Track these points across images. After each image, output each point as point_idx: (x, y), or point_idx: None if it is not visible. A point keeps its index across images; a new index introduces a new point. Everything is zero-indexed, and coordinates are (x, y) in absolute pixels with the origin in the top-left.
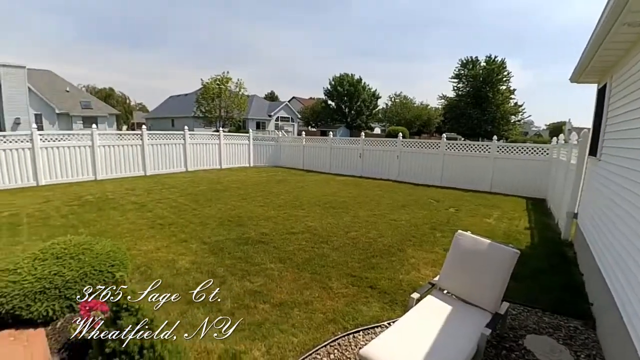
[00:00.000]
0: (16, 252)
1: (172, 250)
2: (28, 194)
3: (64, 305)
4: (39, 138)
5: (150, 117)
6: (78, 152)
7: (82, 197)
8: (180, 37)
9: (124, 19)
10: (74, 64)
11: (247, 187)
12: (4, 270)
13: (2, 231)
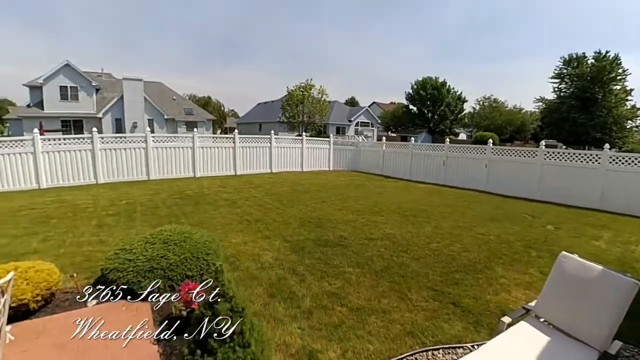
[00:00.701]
0: (131, 235)
1: (257, 245)
2: (141, 187)
3: (167, 285)
4: (151, 139)
5: (240, 122)
6: (181, 152)
7: (183, 192)
8: (269, 49)
9: (219, 35)
10: (179, 76)
11: (326, 190)
12: (122, 250)
13: (121, 216)
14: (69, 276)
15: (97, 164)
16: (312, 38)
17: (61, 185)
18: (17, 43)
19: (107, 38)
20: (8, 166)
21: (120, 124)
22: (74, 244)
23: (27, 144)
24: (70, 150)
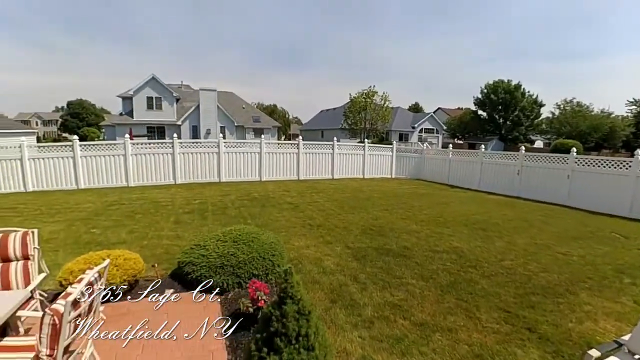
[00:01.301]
0: (203, 232)
1: (319, 250)
2: (213, 188)
3: (235, 281)
4: (223, 145)
5: (303, 129)
6: (249, 157)
7: (250, 194)
8: (332, 57)
9: (285, 46)
10: (248, 86)
11: (388, 198)
12: (197, 246)
13: (195, 214)
14: (151, 266)
15: (176, 166)
16: (375, 45)
17: (145, 184)
18: (112, 60)
19: (186, 53)
20: (104, 166)
21: (196, 130)
22: (155, 237)
23: (119, 148)
24: (154, 153)
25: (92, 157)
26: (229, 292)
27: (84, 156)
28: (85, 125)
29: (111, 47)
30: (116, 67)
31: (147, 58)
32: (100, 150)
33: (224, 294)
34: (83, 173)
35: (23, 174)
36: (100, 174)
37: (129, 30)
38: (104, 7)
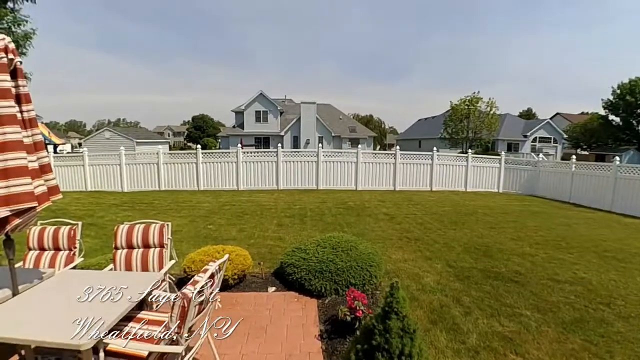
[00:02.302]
0: (303, 236)
1: (417, 265)
2: (311, 195)
3: (333, 287)
4: (322, 154)
5: (399, 139)
6: (346, 167)
7: (346, 203)
8: (430, 65)
9: (382, 56)
10: (346, 96)
11: (495, 215)
12: (298, 249)
13: (295, 219)
14: (257, 263)
15: (279, 173)
16: (480, 46)
17: (252, 189)
18: (229, 80)
19: (290, 70)
20: (219, 171)
21: (297, 140)
22: (260, 237)
23: (232, 155)
24: (260, 161)
25: (210, 163)
26: (327, 297)
27: (204, 162)
28: (205, 136)
29: (228, 69)
30: (231, 86)
31: (257, 76)
32: (217, 157)
33: (321, 299)
34: (203, 176)
35: (159, 175)
36: (216, 177)
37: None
38: (219, 39)
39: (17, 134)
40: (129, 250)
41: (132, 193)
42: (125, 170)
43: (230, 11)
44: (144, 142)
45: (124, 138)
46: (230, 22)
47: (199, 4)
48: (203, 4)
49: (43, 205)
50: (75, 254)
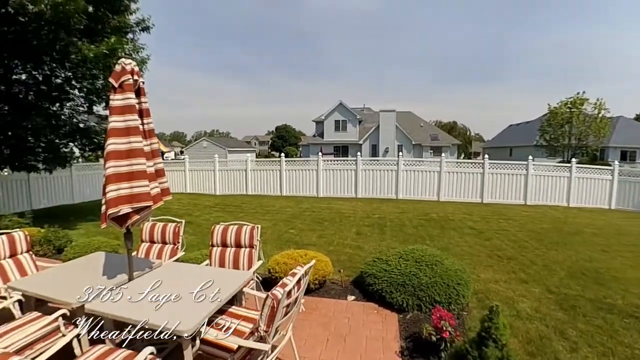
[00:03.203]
0: (382, 246)
1: (510, 287)
2: (390, 204)
3: (415, 303)
4: (402, 163)
5: (487, 147)
6: (427, 176)
7: (427, 214)
8: (522, 65)
9: (466, 60)
10: (427, 103)
11: (607, 236)
12: (379, 259)
13: (374, 228)
14: (338, 271)
15: (358, 181)
16: (583, 39)
17: (331, 196)
18: (310, 91)
19: (369, 78)
20: (300, 178)
21: (375, 149)
22: (339, 245)
23: (313, 163)
24: (340, 169)
25: (292, 170)
26: (408, 312)
27: (287, 169)
28: (287, 144)
29: (309, 81)
30: (312, 97)
31: (337, 86)
32: (298, 165)
33: (403, 313)
34: (286, 183)
35: (246, 181)
36: (297, 184)
37: (321, 66)
38: (300, 52)
39: (139, 143)
40: (223, 248)
41: (223, 196)
42: (218, 176)
43: (310, 25)
44: (234, 150)
45: (218, 147)
46: (311, 36)
47: (281, 20)
48: (284, 20)
49: (157, 204)
50: (178, 248)
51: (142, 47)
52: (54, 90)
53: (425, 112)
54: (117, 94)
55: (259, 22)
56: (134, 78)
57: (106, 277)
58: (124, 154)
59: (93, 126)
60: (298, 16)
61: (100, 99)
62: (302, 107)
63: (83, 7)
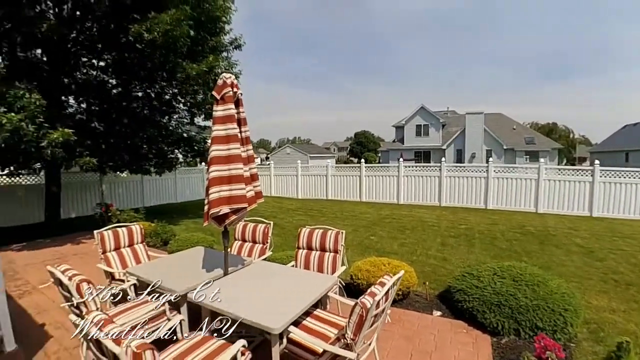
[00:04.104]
0: (470, 260)
1: (632, 319)
2: (478, 215)
3: (512, 327)
4: (492, 169)
5: (595, 151)
6: (522, 184)
7: (523, 227)
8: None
9: (565, 52)
10: (521, 104)
11: None
12: (469, 274)
13: (461, 239)
14: (422, 283)
15: (443, 188)
16: None
17: (412, 203)
18: (388, 97)
19: (452, 79)
20: (380, 184)
21: (461, 154)
22: (422, 255)
23: (393, 170)
24: (422, 175)
25: (372, 176)
26: (503, 337)
27: (366, 175)
28: (366, 150)
29: (388, 86)
30: (391, 102)
31: (417, 91)
32: (378, 171)
33: (497, 337)
34: (365, 189)
35: (327, 186)
36: (377, 190)
37: (400, 71)
38: (379, 57)
39: (238, 149)
40: (308, 251)
41: (304, 200)
42: (300, 181)
43: (385, 29)
44: (315, 156)
45: (300, 153)
46: (389, 40)
47: (357, 25)
48: (359, 26)
49: (252, 206)
50: (267, 248)
51: (235, 63)
52: (163, 105)
53: (518, 113)
54: (219, 105)
55: (334, 30)
56: (233, 90)
57: (205, 270)
58: (224, 159)
59: (194, 135)
60: (373, 21)
61: (200, 111)
62: (380, 113)
63: (187, 31)
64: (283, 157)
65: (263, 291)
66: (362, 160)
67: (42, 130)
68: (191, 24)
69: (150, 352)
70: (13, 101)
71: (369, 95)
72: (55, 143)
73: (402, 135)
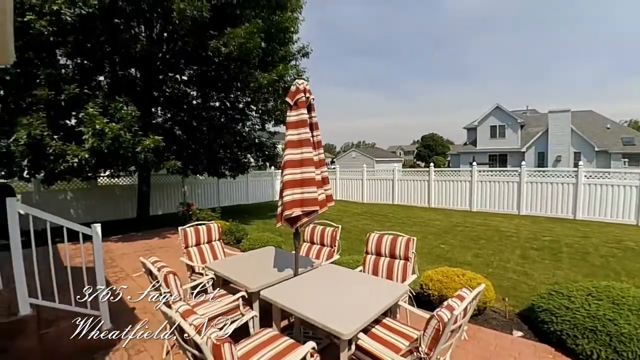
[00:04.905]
0: (558, 276)
1: None
2: (565, 225)
3: (610, 357)
4: (583, 174)
5: None
6: (620, 192)
7: (621, 242)
8: None
9: None
10: (612, 100)
11: None
12: (558, 293)
13: (545, 253)
14: (501, 298)
15: (522, 195)
16: None
17: (486, 211)
18: (458, 99)
19: (529, 77)
20: (451, 190)
21: (543, 157)
22: (499, 268)
23: (465, 174)
24: (498, 181)
25: (441, 181)
26: None
27: (436, 180)
28: (434, 154)
29: (456, 86)
30: (461, 103)
31: (489, 90)
32: (448, 176)
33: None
34: (434, 194)
35: (393, 190)
36: (447, 196)
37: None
38: (449, 61)
39: (310, 153)
40: (377, 257)
41: (369, 204)
42: (365, 185)
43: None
44: (381, 160)
45: (366, 157)
46: (458, 36)
47: (421, 27)
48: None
49: (323, 209)
50: (334, 251)
51: (304, 70)
52: (237, 113)
53: (614, 111)
54: (293, 110)
55: (399, 31)
56: (306, 95)
57: (276, 269)
58: (298, 163)
59: (265, 141)
60: (438, 22)
61: (270, 117)
62: (449, 115)
63: (258, 43)
64: (348, 161)
65: (332, 294)
66: (431, 164)
67: (136, 138)
68: (262, 36)
69: (228, 345)
70: (114, 113)
71: (437, 96)
72: (148, 148)
73: (474, 138)
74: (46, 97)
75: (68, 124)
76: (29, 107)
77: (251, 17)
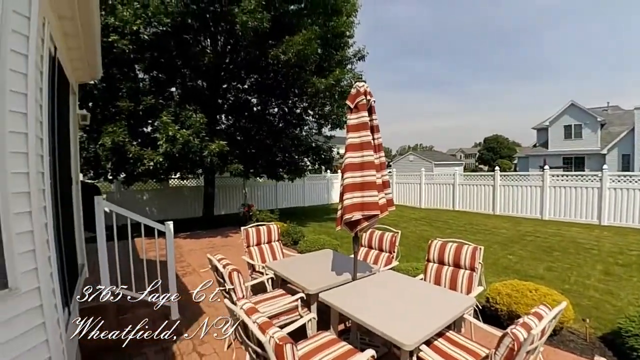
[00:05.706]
0: None
1: None
2: None
3: None
4: None
5: None
6: None
7: None
8: None
9: None
10: None
11: None
12: None
13: (633, 269)
14: (582, 319)
15: (603, 203)
16: None
17: (560, 220)
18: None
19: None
20: (519, 196)
21: (629, 160)
22: (578, 284)
23: (535, 179)
24: (574, 186)
25: (508, 186)
26: None
27: (501, 185)
28: (499, 157)
29: (522, 85)
30: (530, 102)
31: (561, 87)
32: (516, 180)
33: None
34: (499, 200)
35: (454, 196)
36: (514, 202)
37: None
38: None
39: (371, 156)
40: (440, 265)
41: (427, 210)
42: (423, 189)
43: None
44: (440, 164)
45: (424, 160)
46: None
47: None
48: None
49: (383, 214)
50: (393, 257)
51: (360, 74)
52: (295, 118)
53: None
54: (353, 113)
55: (457, 29)
56: (366, 98)
57: (335, 273)
58: (358, 166)
59: (321, 144)
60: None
61: (326, 122)
62: (515, 115)
63: (315, 49)
64: (405, 165)
65: (393, 302)
66: (497, 167)
67: (203, 143)
68: (319, 42)
69: (290, 346)
70: (185, 120)
71: (500, 95)
72: (213, 153)
73: (545, 139)
74: (127, 107)
75: (145, 131)
76: (112, 117)
77: (308, 25)
